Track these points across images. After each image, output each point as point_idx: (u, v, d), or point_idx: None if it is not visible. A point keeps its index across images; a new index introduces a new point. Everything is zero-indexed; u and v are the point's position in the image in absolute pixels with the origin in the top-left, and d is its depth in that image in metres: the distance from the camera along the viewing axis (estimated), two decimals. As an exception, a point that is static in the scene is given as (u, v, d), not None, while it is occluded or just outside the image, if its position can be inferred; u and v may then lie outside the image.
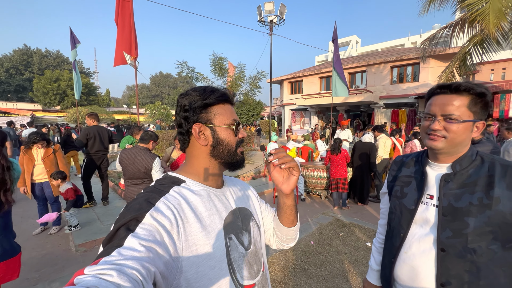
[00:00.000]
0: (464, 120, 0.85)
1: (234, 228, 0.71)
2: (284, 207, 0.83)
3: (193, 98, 0.69)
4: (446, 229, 0.87)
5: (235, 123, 0.72)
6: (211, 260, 0.62)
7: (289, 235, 0.88)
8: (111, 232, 0.52)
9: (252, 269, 0.73)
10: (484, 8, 5.61)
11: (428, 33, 25.65)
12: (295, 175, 0.74)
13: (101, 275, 0.40)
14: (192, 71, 9.51)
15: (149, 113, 24.93)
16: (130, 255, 0.46)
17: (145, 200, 0.59)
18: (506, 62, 10.18)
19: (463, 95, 0.86)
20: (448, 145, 0.89)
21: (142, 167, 2.81)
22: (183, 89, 56.85)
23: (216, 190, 0.74)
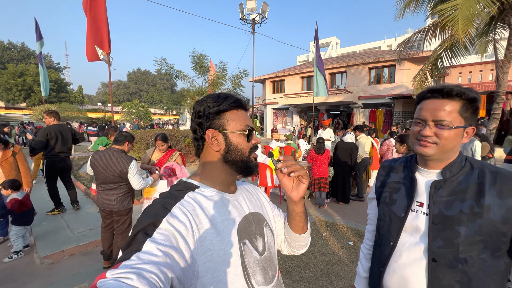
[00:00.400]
0: (456, 126, 0.83)
1: (248, 233, 0.71)
2: (293, 214, 0.82)
3: (207, 104, 0.71)
4: (437, 239, 0.84)
5: (247, 128, 0.73)
6: (226, 265, 0.62)
7: (299, 241, 0.87)
8: (130, 237, 0.54)
9: (267, 274, 0.73)
10: (454, 14, 5.93)
11: (403, 37, 26.96)
12: (305, 183, 0.73)
13: (122, 279, 0.42)
14: (172, 68, 9.17)
15: (126, 112, 23.87)
16: (149, 260, 0.48)
17: (161, 205, 0.60)
18: (472, 66, 10.95)
19: (455, 100, 0.83)
20: (439, 152, 0.86)
21: (116, 171, 2.60)
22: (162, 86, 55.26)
23: (229, 195, 0.74)
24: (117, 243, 2.78)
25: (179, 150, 7.88)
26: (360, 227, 3.95)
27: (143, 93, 54.89)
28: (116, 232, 2.80)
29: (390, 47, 29.82)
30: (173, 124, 24.71)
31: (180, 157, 3.34)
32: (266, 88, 21.09)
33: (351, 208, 4.98)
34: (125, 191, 2.75)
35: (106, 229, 2.85)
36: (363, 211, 4.77)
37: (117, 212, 2.75)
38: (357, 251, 3.23)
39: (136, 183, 2.67)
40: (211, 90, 9.67)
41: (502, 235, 0.78)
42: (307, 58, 37.78)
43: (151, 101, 49.16)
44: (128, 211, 2.82)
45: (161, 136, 3.22)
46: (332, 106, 17.65)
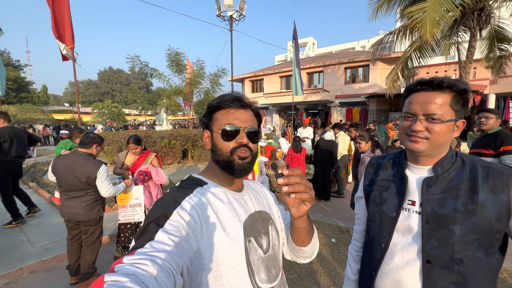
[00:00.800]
0: (448, 120, 0.79)
1: (254, 231, 0.72)
2: (293, 227, 0.78)
3: (208, 105, 0.76)
4: (431, 239, 0.80)
5: (223, 127, 0.71)
6: (231, 261, 0.64)
7: (299, 252, 0.84)
8: (142, 227, 0.57)
9: (270, 273, 0.73)
10: (422, 16, 6.25)
11: (375, 38, 28.23)
12: (307, 206, 0.67)
13: (138, 264, 0.45)
14: (146, 66, 8.72)
15: (97, 113, 22.45)
16: (161, 248, 0.50)
17: (172, 198, 0.63)
18: (438, 66, 11.73)
19: (446, 92, 0.79)
20: (431, 147, 0.82)
21: (83, 177, 2.35)
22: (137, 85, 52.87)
23: (235, 193, 0.75)
24: (86, 256, 2.52)
25: (156, 152, 7.52)
26: (342, 223, 4.00)
27: (116, 93, 52.16)
28: (84, 244, 2.54)
29: (364, 48, 31.14)
30: (148, 126, 23.54)
31: (156, 159, 3.11)
32: (246, 88, 20.98)
33: (332, 205, 5.05)
34: (94, 198, 2.50)
35: (73, 241, 2.58)
36: (343, 207, 4.85)
37: (85, 222, 2.49)
38: (340, 248, 3.25)
39: (105, 190, 2.42)
40: (189, 89, 9.36)
41: (496, 232, 0.75)
42: (285, 58, 38.26)
43: (125, 101, 46.85)
44: (98, 220, 2.57)
45: (134, 138, 2.97)
46: (311, 105, 17.99)
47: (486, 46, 8.13)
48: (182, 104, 10.27)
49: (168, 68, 9.16)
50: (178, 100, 10.03)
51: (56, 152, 2.86)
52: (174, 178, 6.53)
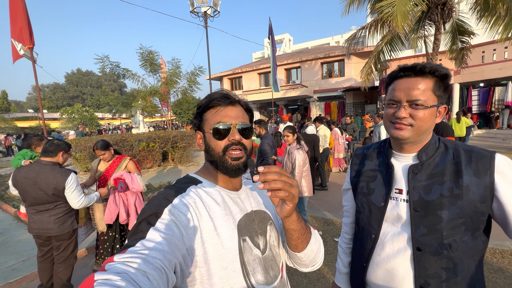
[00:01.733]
0: (431, 105, 0.78)
1: (249, 230, 0.71)
2: (284, 229, 0.71)
3: (197, 106, 0.75)
4: (420, 226, 0.80)
5: (214, 126, 0.69)
6: (223, 260, 0.63)
7: (294, 258, 0.77)
8: (134, 226, 0.58)
9: (268, 274, 0.71)
10: (393, 10, 6.50)
11: (348, 34, 29.11)
12: (289, 206, 0.61)
13: (129, 263, 0.45)
14: (117, 66, 8.25)
15: (66, 118, 21.02)
16: (153, 246, 0.50)
17: (164, 197, 0.63)
18: (407, 59, 12.33)
19: (428, 77, 0.79)
20: (415, 134, 0.81)
21: (49, 189, 2.14)
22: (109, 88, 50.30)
23: (231, 192, 0.74)
24: (59, 273, 2.32)
25: (133, 156, 7.17)
26: (327, 216, 4.07)
27: (87, 97, 49.26)
28: (57, 260, 2.33)
29: (338, 43, 31.99)
30: (126, 129, 22.33)
31: (132, 163, 2.88)
32: (224, 86, 20.72)
33: (317, 198, 5.12)
34: (65, 210, 2.29)
35: (43, 258, 2.36)
36: (328, 200, 4.94)
37: (57, 237, 2.28)
38: (326, 240, 3.29)
39: (75, 202, 2.20)
40: (165, 89, 9.02)
41: (481, 214, 0.77)
42: (263, 55, 38.31)
43: (97, 105, 44.40)
44: (71, 234, 2.36)
45: (99, 144, 2.68)
46: (290, 100, 18.19)
47: (450, 39, 8.66)
48: (159, 105, 9.89)
49: (142, 68, 8.75)
50: (155, 101, 9.65)
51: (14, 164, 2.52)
52: (155, 182, 6.28)
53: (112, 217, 2.63)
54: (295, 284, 2.49)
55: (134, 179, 2.72)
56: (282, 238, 0.82)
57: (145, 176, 7.02)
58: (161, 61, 9.51)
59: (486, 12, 6.94)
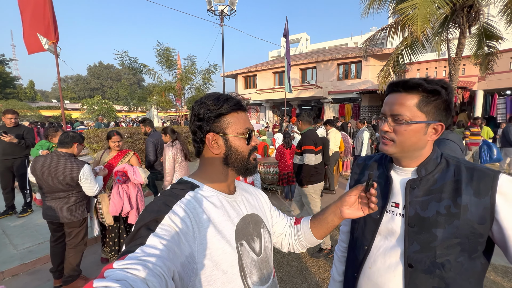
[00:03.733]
0: (412, 122, 0.77)
1: (246, 234, 0.72)
2: (328, 224, 0.84)
3: (207, 107, 0.71)
4: (413, 242, 0.78)
5: (248, 131, 0.73)
6: (224, 265, 0.64)
7: (313, 244, 0.91)
8: (133, 232, 0.56)
9: (262, 275, 0.74)
10: (413, 13, 6.25)
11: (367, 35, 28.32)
12: (366, 213, 0.79)
13: (128, 269, 0.44)
14: (135, 61, 8.50)
15: (86, 109, 21.93)
16: (153, 253, 0.49)
17: (163, 203, 0.62)
18: (428, 63, 11.85)
19: (412, 93, 0.78)
20: (399, 150, 0.81)
21: (64, 178, 2.27)
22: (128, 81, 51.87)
23: (228, 196, 0.75)
24: (69, 258, 2.46)
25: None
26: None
27: (107, 89, 51.11)
28: (68, 246, 2.47)
29: (357, 44, 31.20)
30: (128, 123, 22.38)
31: (135, 158, 2.96)
32: (239, 84, 20.81)
33: (323, 201, 5.05)
34: (77, 199, 2.43)
35: (56, 243, 2.50)
36: (334, 204, 4.88)
37: (68, 224, 2.42)
38: (331, 245, 3.26)
39: (92, 190, 2.37)
40: (179, 85, 9.19)
41: (479, 236, 0.73)
42: (279, 54, 38.07)
43: (116, 97, 45.98)
44: (81, 222, 2.50)
45: (117, 132, 2.86)
46: (304, 101, 18.00)
47: (475, 43, 8.23)
48: (174, 101, 10.11)
49: (158, 64, 8.96)
50: (170, 96, 9.87)
51: (33, 153, 2.71)
52: (165, 176, 6.44)
53: (117, 209, 2.73)
54: (294, 287, 2.49)
55: (136, 171, 2.81)
56: (303, 231, 0.91)
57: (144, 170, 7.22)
58: (177, 58, 9.69)
59: (517, 16, 6.53)
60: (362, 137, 5.63)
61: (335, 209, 0.82)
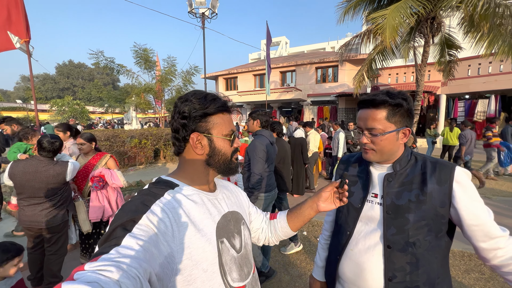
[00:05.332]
0: (386, 132, 0.92)
1: (226, 231, 0.73)
2: (304, 218, 0.93)
3: (193, 106, 0.70)
4: (391, 227, 0.92)
5: (232, 133, 0.75)
6: (204, 263, 0.64)
7: (287, 235, 1.00)
8: (108, 232, 0.54)
9: (242, 271, 0.75)
10: (383, 23, 6.74)
11: (343, 40, 29.57)
12: (338, 205, 0.90)
13: (101, 271, 0.42)
14: (112, 62, 8.23)
15: (56, 110, 20.59)
16: (128, 254, 0.48)
17: (141, 202, 0.60)
18: (398, 68, 12.75)
19: (380, 108, 0.92)
20: (379, 156, 0.96)
21: (50, 181, 2.23)
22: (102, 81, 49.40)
23: (208, 194, 0.75)
24: (50, 265, 2.39)
25: (125, 152, 7.18)
26: (314, 217, 4.22)
27: (78, 89, 48.23)
28: (48, 252, 2.39)
29: (333, 49, 32.45)
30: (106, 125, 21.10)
31: (112, 161, 2.83)
32: (219, 85, 20.76)
33: (304, 199, 5.29)
34: (57, 203, 2.36)
35: (34, 250, 2.41)
36: (314, 202, 5.11)
37: (49, 229, 2.34)
38: (310, 240, 3.45)
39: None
40: (159, 86, 9.04)
41: (441, 217, 0.89)
42: (259, 56, 38.47)
43: (88, 98, 43.57)
44: (62, 226, 2.43)
45: (85, 134, 2.69)
46: (284, 103, 18.40)
47: (438, 52, 9.01)
48: (153, 102, 9.90)
49: (136, 64, 8.75)
50: (149, 98, 9.65)
51: (10, 157, 2.55)
52: (146, 179, 6.31)
53: (97, 215, 2.66)
54: (278, 280, 2.63)
55: (113, 174, 2.73)
56: (279, 225, 0.99)
57: (136, 173, 7.04)
58: (156, 59, 9.52)
59: (472, 28, 7.27)
60: (338, 138, 5.98)
61: (311, 203, 0.90)
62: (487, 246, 0.85)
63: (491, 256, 0.86)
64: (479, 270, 2.69)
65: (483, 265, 2.77)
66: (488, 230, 0.85)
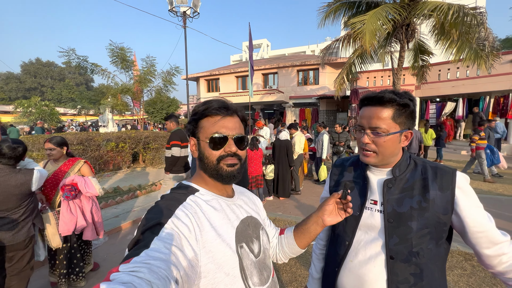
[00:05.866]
0: (390, 133, 0.86)
1: (245, 236, 0.73)
2: (311, 234, 0.88)
3: (194, 111, 0.74)
4: (393, 236, 0.87)
5: (210, 136, 0.71)
6: (226, 267, 0.65)
7: (295, 253, 0.94)
8: (136, 236, 0.57)
9: (262, 276, 0.75)
10: (362, 28, 6.97)
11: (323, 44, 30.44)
12: (343, 217, 0.85)
13: (134, 272, 0.45)
14: (85, 61, 7.71)
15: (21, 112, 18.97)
16: (157, 256, 0.50)
17: (166, 207, 0.63)
18: (375, 72, 13.29)
19: (387, 106, 0.87)
20: (380, 159, 0.90)
21: (13, 193, 1.97)
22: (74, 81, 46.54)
23: (227, 199, 0.76)
24: (13, 286, 2.10)
25: (101, 157, 6.73)
26: (300, 219, 4.19)
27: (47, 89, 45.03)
28: (11, 272, 2.10)
29: (313, 52, 33.29)
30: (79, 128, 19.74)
31: (86, 166, 2.59)
32: (201, 87, 20.38)
33: (290, 202, 5.26)
34: (21, 216, 2.09)
35: (-7, 270, 2.12)
36: (300, 204, 5.11)
37: (11, 247, 2.06)
38: (299, 244, 3.40)
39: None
40: (138, 87, 8.63)
41: (443, 225, 0.85)
42: (241, 58, 38.44)
43: (59, 99, 40.84)
44: (27, 243, 2.15)
45: (55, 138, 2.44)
46: (267, 105, 18.46)
47: (412, 57, 9.50)
48: (131, 104, 9.43)
49: (112, 64, 8.28)
50: (126, 99, 9.17)
51: None
52: (124, 185, 5.95)
53: (69, 228, 2.41)
54: None
55: (88, 182, 2.48)
56: (286, 241, 0.94)
57: (113, 178, 6.62)
58: (133, 58, 9.09)
59: (442, 36, 7.74)
60: (322, 140, 6.01)
61: (316, 219, 0.86)
62: (491, 252, 0.82)
63: (496, 262, 0.83)
64: (461, 267, 2.79)
65: (464, 261, 2.87)
66: (492, 236, 0.82)
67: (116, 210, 4.62)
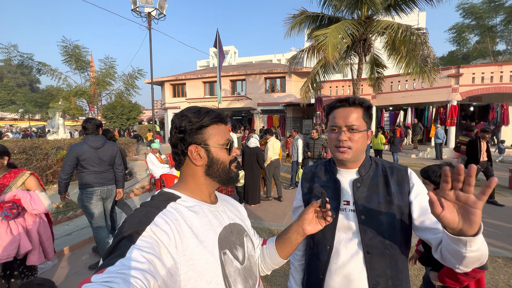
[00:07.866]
0: (362, 130, 0.96)
1: (228, 243, 0.73)
2: (292, 244, 0.87)
3: (189, 119, 0.72)
4: (367, 231, 0.92)
5: (228, 142, 0.76)
6: (208, 275, 0.63)
7: (278, 264, 0.92)
8: (112, 244, 0.55)
9: (247, 283, 0.75)
10: (325, 40, 7.43)
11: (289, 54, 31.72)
12: (322, 225, 0.84)
13: (108, 283, 0.43)
14: (30, 59, 6.83)
15: None
16: (133, 266, 0.49)
17: (144, 214, 0.61)
18: (337, 82, 14.25)
19: (358, 107, 0.98)
20: (354, 155, 0.97)
21: None
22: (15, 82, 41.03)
23: (210, 205, 0.76)
24: None
25: (48, 166, 5.95)
26: (272, 225, 4.19)
27: (-20, 90, 38.86)
28: None
29: (279, 61, 34.49)
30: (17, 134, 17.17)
31: (32, 179, 2.28)
32: (166, 92, 19.56)
33: (262, 208, 5.24)
34: None
35: None
36: (272, 210, 5.12)
37: None
38: (272, 250, 3.37)
39: None
40: (95, 89, 7.92)
41: (407, 216, 0.94)
42: (208, 64, 38.06)
43: (-5, 102, 35.52)
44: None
45: None
46: (235, 111, 18.45)
47: (369, 69, 10.41)
48: (87, 108, 8.59)
49: (65, 63, 7.48)
50: (81, 103, 8.33)
51: None
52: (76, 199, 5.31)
53: (9, 252, 2.04)
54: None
55: (34, 197, 2.16)
56: (268, 252, 0.92)
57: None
58: (90, 59, 8.35)
59: (393, 51, 8.64)
60: (297, 144, 6.22)
61: (297, 228, 0.86)
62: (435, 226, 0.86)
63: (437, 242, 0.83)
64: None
65: (421, 256, 3.13)
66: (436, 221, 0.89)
67: (68, 227, 4.09)
